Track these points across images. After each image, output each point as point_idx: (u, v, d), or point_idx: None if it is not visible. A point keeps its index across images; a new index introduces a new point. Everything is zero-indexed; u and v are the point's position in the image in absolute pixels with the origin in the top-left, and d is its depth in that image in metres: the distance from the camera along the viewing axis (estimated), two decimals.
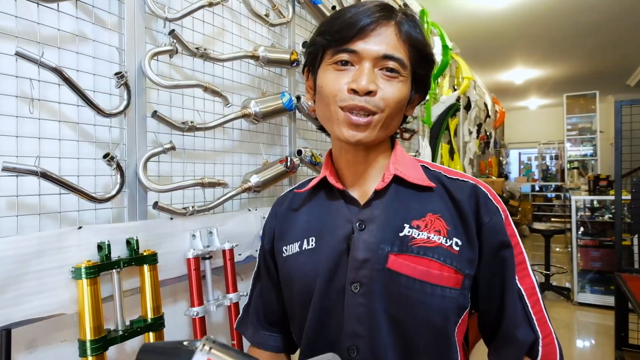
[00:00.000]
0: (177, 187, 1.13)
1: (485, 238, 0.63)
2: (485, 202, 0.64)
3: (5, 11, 0.83)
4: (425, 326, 0.60)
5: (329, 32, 0.63)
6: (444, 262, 0.60)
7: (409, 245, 0.61)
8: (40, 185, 0.88)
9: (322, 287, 0.64)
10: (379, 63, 0.61)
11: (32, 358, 0.91)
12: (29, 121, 0.88)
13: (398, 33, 0.62)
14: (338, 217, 0.67)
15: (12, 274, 0.81)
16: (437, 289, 0.60)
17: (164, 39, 1.15)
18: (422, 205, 0.65)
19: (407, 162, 0.69)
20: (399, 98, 0.62)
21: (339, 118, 0.62)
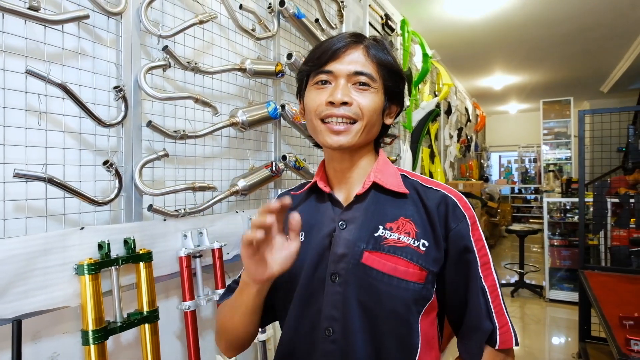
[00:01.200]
0: (170, 190, 1.22)
1: (451, 242, 0.71)
2: (453, 210, 0.72)
3: (15, 33, 0.92)
4: (391, 313, 0.68)
5: (311, 59, 0.74)
6: (410, 260, 0.69)
7: (382, 244, 0.70)
8: (46, 189, 0.97)
9: (307, 275, 0.73)
10: (352, 79, 0.71)
11: (36, 347, 1.00)
12: (35, 132, 0.97)
13: (366, 54, 0.72)
14: (325, 217, 0.76)
15: (21, 270, 0.89)
16: (402, 283, 0.68)
17: (157, 54, 1.25)
18: (396, 210, 0.73)
19: (387, 170, 0.77)
20: (373, 106, 0.72)
21: (321, 129, 0.72)
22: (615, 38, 4.41)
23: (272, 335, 1.60)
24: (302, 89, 0.78)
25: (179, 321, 1.35)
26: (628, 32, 4.24)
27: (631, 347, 1.30)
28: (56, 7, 1.01)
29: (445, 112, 4.98)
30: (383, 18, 3.05)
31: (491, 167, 9.89)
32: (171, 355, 1.33)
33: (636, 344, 1.28)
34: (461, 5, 3.46)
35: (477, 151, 7.58)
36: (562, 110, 6.44)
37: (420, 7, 3.49)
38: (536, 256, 6.20)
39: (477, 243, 0.72)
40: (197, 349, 1.27)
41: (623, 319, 1.51)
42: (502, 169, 10.02)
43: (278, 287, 0.77)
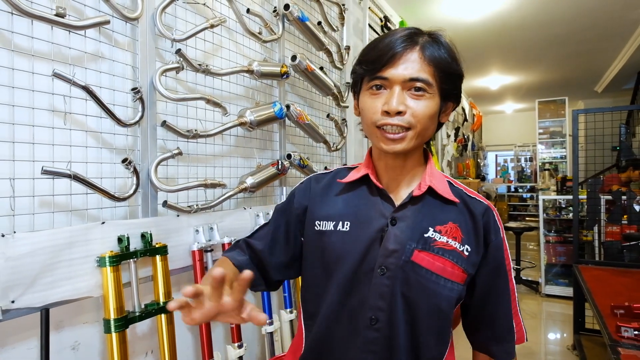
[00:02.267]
0: (184, 187, 1.28)
1: (490, 252, 0.78)
2: (494, 223, 0.79)
3: (42, 38, 0.98)
4: (434, 308, 0.73)
5: (365, 62, 0.74)
6: (456, 263, 0.74)
7: (431, 245, 0.74)
8: (71, 186, 1.02)
9: (354, 266, 0.75)
10: (407, 85, 0.71)
11: (60, 336, 1.05)
12: (59, 131, 1.02)
13: (422, 57, 0.71)
14: (374, 211, 0.78)
15: (48, 262, 0.95)
16: (448, 282, 0.74)
17: (170, 57, 1.30)
18: (445, 215, 0.77)
19: (438, 177, 0.81)
20: (428, 113, 0.72)
21: (377, 135, 0.74)
22: (608, 39, 4.49)
23: (279, 327, 1.66)
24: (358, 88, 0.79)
25: None
26: (621, 33, 4.32)
27: (621, 334, 1.37)
28: (78, 14, 1.07)
29: None
30: (382, 20, 3.11)
31: (488, 166, 9.98)
32: (184, 345, 1.38)
33: (626, 330, 1.35)
34: (458, 7, 3.53)
35: (474, 150, 7.67)
36: (557, 110, 6.53)
37: (419, 8, 3.55)
38: (532, 253, 6.29)
39: (505, 253, 0.80)
40: (209, 338, 1.33)
41: (614, 308, 1.58)
42: (498, 168, 10.11)
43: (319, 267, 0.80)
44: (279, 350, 1.64)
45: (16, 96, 0.94)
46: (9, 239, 0.87)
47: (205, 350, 1.32)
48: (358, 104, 0.79)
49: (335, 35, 2.24)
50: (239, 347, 1.43)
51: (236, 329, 1.44)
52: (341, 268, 0.77)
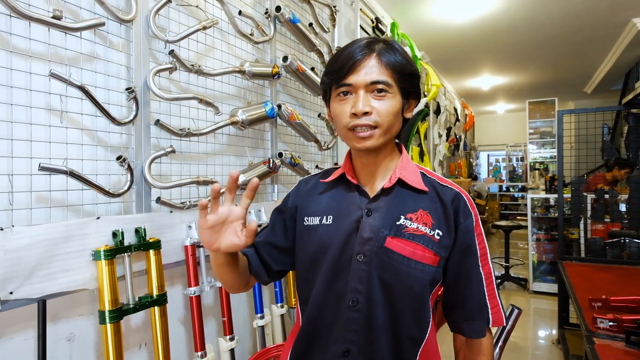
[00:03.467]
0: (177, 184, 1.32)
1: (459, 234, 0.83)
2: (463, 207, 0.84)
3: (39, 39, 1.01)
4: (408, 290, 0.80)
5: (331, 72, 0.83)
6: (426, 247, 0.80)
7: (402, 232, 0.81)
8: (67, 182, 1.06)
9: (336, 254, 0.83)
10: (370, 88, 0.79)
11: (56, 327, 1.09)
12: (55, 129, 1.06)
13: (379, 62, 0.80)
14: (352, 204, 0.86)
15: (45, 255, 0.99)
16: (419, 265, 0.80)
17: (164, 58, 1.34)
18: (416, 203, 0.84)
19: (410, 168, 0.87)
20: (391, 111, 0.80)
21: (350, 136, 0.82)
22: (597, 41, 4.58)
23: (270, 321, 1.70)
24: (327, 97, 0.87)
25: (184, 307, 1.45)
26: (609, 35, 4.41)
27: (597, 325, 1.43)
28: (74, 16, 1.10)
29: (434, 111, 5.12)
30: (374, 21, 3.16)
31: (480, 165, 10.09)
32: (177, 337, 1.42)
33: (602, 321, 1.41)
34: (449, 8, 3.59)
35: (466, 150, 7.75)
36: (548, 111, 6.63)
37: (410, 10, 3.61)
38: (522, 251, 6.39)
39: (479, 237, 0.85)
40: (201, 331, 1.37)
41: (592, 301, 1.64)
42: (490, 168, 10.22)
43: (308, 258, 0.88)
44: (270, 344, 1.68)
45: (14, 96, 0.97)
46: (7, 232, 0.91)
47: (198, 342, 1.36)
48: (330, 112, 0.87)
49: (327, 36, 2.29)
50: (230, 340, 1.48)
51: (228, 322, 1.48)
52: (325, 257, 0.84)
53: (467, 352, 0.88)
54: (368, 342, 0.80)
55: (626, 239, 2.56)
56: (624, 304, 1.54)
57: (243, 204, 0.75)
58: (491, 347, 0.88)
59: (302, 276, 0.91)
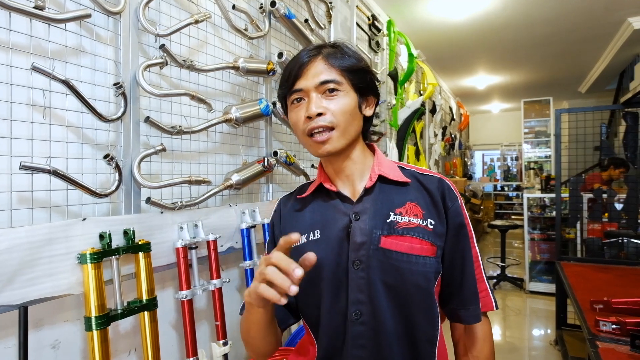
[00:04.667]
0: (168, 184, 1.27)
1: (450, 218, 0.80)
2: (448, 191, 0.82)
3: (20, 30, 0.96)
4: (414, 287, 0.75)
5: (283, 83, 0.82)
6: (422, 238, 0.77)
7: (395, 228, 0.77)
8: (50, 182, 1.01)
9: (332, 267, 0.78)
10: (320, 89, 0.77)
11: (39, 335, 1.04)
12: (38, 126, 1.01)
13: (326, 62, 0.78)
14: (336, 212, 0.81)
15: (27, 258, 0.93)
16: (419, 259, 0.76)
17: (154, 52, 1.29)
18: (402, 197, 0.81)
19: (387, 164, 0.85)
20: (345, 109, 0.77)
21: (309, 143, 0.79)
22: (592, 40, 4.58)
23: None
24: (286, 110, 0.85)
25: (175, 311, 1.40)
26: (604, 35, 4.41)
27: (600, 328, 1.40)
28: (58, 6, 1.05)
29: (430, 110, 5.09)
30: (370, 19, 3.12)
31: (475, 165, 10.10)
32: (168, 343, 1.37)
33: (604, 324, 1.38)
34: (445, 6, 3.56)
35: (461, 149, 7.74)
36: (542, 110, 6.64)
37: (406, 8, 3.57)
38: (517, 251, 6.39)
39: (466, 220, 0.83)
40: (193, 336, 1.32)
41: (593, 303, 1.61)
42: (485, 167, 10.24)
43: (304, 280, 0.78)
44: None
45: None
46: None
47: (190, 347, 1.31)
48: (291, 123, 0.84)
49: (323, 33, 2.24)
50: (224, 345, 1.43)
51: (221, 326, 1.43)
52: (322, 274, 0.79)
53: (467, 340, 0.85)
54: (381, 356, 0.75)
55: (624, 239, 2.55)
56: (626, 305, 1.51)
57: None
58: (490, 332, 0.85)
59: (303, 300, 0.85)
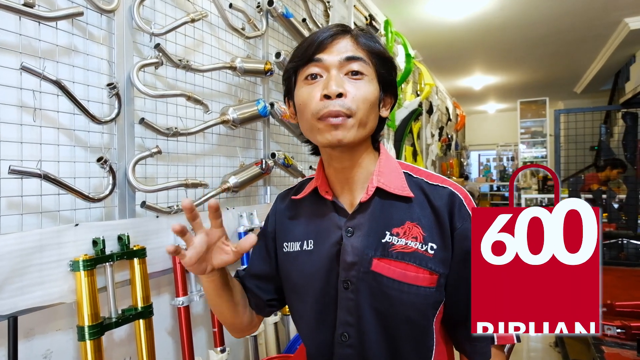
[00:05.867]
0: (164, 187, 1.23)
1: (456, 241, 0.70)
2: (459, 208, 0.70)
3: (9, 29, 0.92)
4: (403, 318, 0.69)
5: (297, 55, 0.71)
6: (419, 265, 0.68)
7: (390, 251, 0.69)
8: (41, 186, 0.97)
9: (321, 283, 0.73)
10: (344, 67, 0.67)
11: (30, 345, 1.00)
12: (28, 128, 0.97)
13: (355, 42, 0.69)
14: (330, 224, 0.74)
15: (17, 266, 0.89)
16: (412, 288, 0.68)
17: (149, 52, 1.25)
18: (402, 214, 0.71)
19: (390, 171, 0.74)
20: (368, 97, 0.67)
21: (319, 127, 0.67)
22: (587, 41, 4.59)
23: (263, 330, 1.62)
24: (292, 89, 0.73)
25: (171, 317, 1.36)
26: (600, 36, 4.41)
27: (604, 332, 1.39)
28: (49, 4, 1.01)
29: (427, 111, 5.08)
30: (367, 18, 3.10)
31: (471, 165, 10.11)
32: (164, 350, 1.34)
33: (609, 328, 1.36)
34: (442, 7, 3.54)
35: (457, 150, 7.75)
36: (538, 110, 6.66)
37: (403, 8, 3.55)
38: None
39: None
40: (190, 343, 1.28)
41: None
42: (481, 167, 10.26)
43: (292, 289, 0.79)
44: (264, 354, 1.60)
45: None
46: None
47: (186, 355, 1.27)
48: (294, 106, 0.74)
49: None
50: (221, 352, 1.39)
51: (218, 333, 1.40)
52: (311, 288, 0.75)
53: None
54: None
55: (623, 239, 2.54)
56: (630, 309, 1.50)
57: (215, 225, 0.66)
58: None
59: (291, 307, 0.82)
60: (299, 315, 0.80)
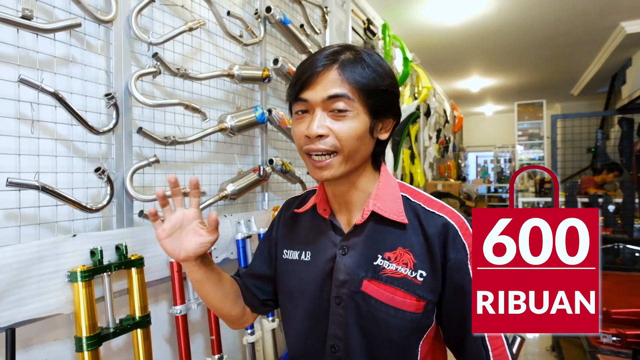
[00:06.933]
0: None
1: (449, 273, 0.71)
2: (454, 239, 0.71)
3: (6, 41, 0.92)
4: (387, 340, 0.71)
5: (291, 84, 0.73)
6: (407, 291, 0.70)
7: (380, 274, 0.71)
8: (39, 197, 0.97)
9: (314, 295, 0.76)
10: (328, 106, 0.67)
11: (28, 355, 1.00)
12: (26, 139, 0.97)
13: (340, 75, 0.67)
14: (327, 240, 0.77)
15: (14, 278, 0.89)
16: (399, 312, 0.70)
17: (147, 61, 1.26)
18: (395, 239, 0.73)
19: (387, 195, 0.75)
20: (353, 134, 0.68)
21: (307, 162, 0.71)
22: (584, 44, 4.61)
23: (261, 337, 1.62)
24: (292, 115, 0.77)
25: (169, 325, 1.37)
26: (596, 39, 4.44)
27: (600, 340, 1.40)
28: (47, 15, 1.01)
29: (424, 114, 5.09)
30: (365, 23, 3.10)
31: (468, 167, 10.13)
32: (162, 358, 1.34)
33: (605, 336, 1.37)
34: (440, 10, 3.55)
35: (455, 151, 7.77)
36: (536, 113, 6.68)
37: (401, 11, 3.56)
38: None
39: None
40: (188, 351, 1.29)
41: None
42: (478, 169, 10.28)
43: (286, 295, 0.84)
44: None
45: None
46: None
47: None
48: None
49: (318, 38, 2.22)
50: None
51: (216, 340, 1.40)
52: (304, 298, 0.78)
53: None
54: None
55: (619, 244, 2.56)
56: (626, 316, 1.51)
57: (193, 204, 0.74)
58: None
59: (284, 310, 0.86)
60: (290, 318, 0.83)
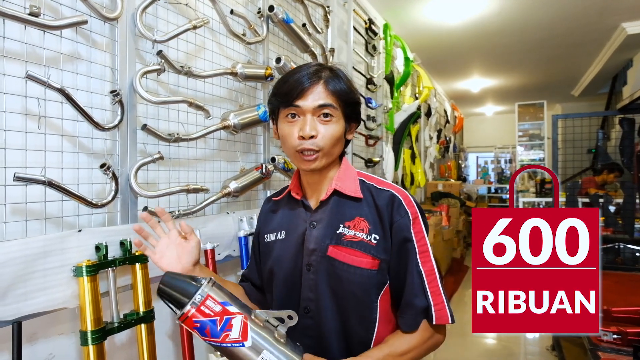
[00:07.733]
0: (166, 193, 1.25)
1: (394, 233, 0.86)
2: (398, 207, 0.86)
3: (14, 37, 0.93)
4: (351, 295, 0.85)
5: (280, 94, 0.88)
6: (364, 252, 0.85)
7: (342, 240, 0.86)
8: (45, 192, 0.98)
9: (289, 266, 0.90)
10: (317, 112, 0.85)
11: (33, 349, 1.01)
12: (32, 135, 0.98)
13: (326, 88, 0.86)
14: (299, 219, 0.93)
15: (21, 272, 0.91)
16: (357, 270, 0.85)
17: (151, 58, 1.27)
18: (353, 211, 0.89)
19: (347, 178, 0.92)
20: (335, 135, 0.86)
21: (298, 158, 0.87)
22: (585, 45, 4.62)
23: None
24: (276, 116, 0.91)
25: (172, 321, 1.37)
26: (597, 40, 4.45)
27: (601, 337, 1.40)
28: (54, 13, 1.02)
29: (425, 114, 5.10)
30: (367, 22, 3.12)
31: (468, 167, 10.14)
32: (165, 354, 1.35)
33: (605, 334, 1.38)
34: (441, 11, 3.57)
35: (456, 152, 7.78)
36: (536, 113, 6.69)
37: (402, 12, 3.57)
38: None
39: (417, 235, 0.86)
40: (191, 348, 1.29)
41: None
42: (479, 169, 10.28)
43: (267, 271, 0.96)
44: None
45: None
46: None
47: (187, 359, 1.28)
48: (277, 130, 0.92)
49: (320, 37, 2.23)
50: (222, 356, 1.40)
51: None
52: (280, 270, 0.92)
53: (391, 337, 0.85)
54: (322, 347, 0.86)
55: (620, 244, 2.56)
56: (626, 314, 1.51)
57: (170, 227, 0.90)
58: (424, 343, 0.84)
59: (267, 288, 0.98)
60: (270, 292, 0.95)
